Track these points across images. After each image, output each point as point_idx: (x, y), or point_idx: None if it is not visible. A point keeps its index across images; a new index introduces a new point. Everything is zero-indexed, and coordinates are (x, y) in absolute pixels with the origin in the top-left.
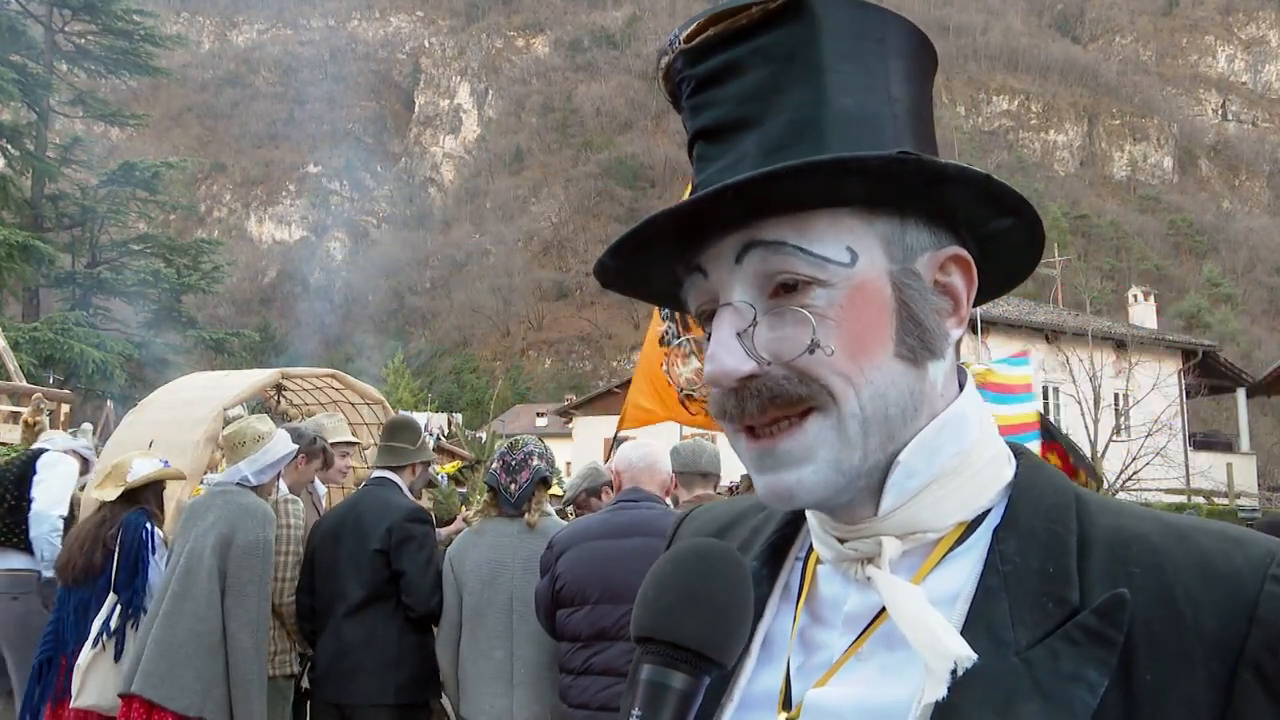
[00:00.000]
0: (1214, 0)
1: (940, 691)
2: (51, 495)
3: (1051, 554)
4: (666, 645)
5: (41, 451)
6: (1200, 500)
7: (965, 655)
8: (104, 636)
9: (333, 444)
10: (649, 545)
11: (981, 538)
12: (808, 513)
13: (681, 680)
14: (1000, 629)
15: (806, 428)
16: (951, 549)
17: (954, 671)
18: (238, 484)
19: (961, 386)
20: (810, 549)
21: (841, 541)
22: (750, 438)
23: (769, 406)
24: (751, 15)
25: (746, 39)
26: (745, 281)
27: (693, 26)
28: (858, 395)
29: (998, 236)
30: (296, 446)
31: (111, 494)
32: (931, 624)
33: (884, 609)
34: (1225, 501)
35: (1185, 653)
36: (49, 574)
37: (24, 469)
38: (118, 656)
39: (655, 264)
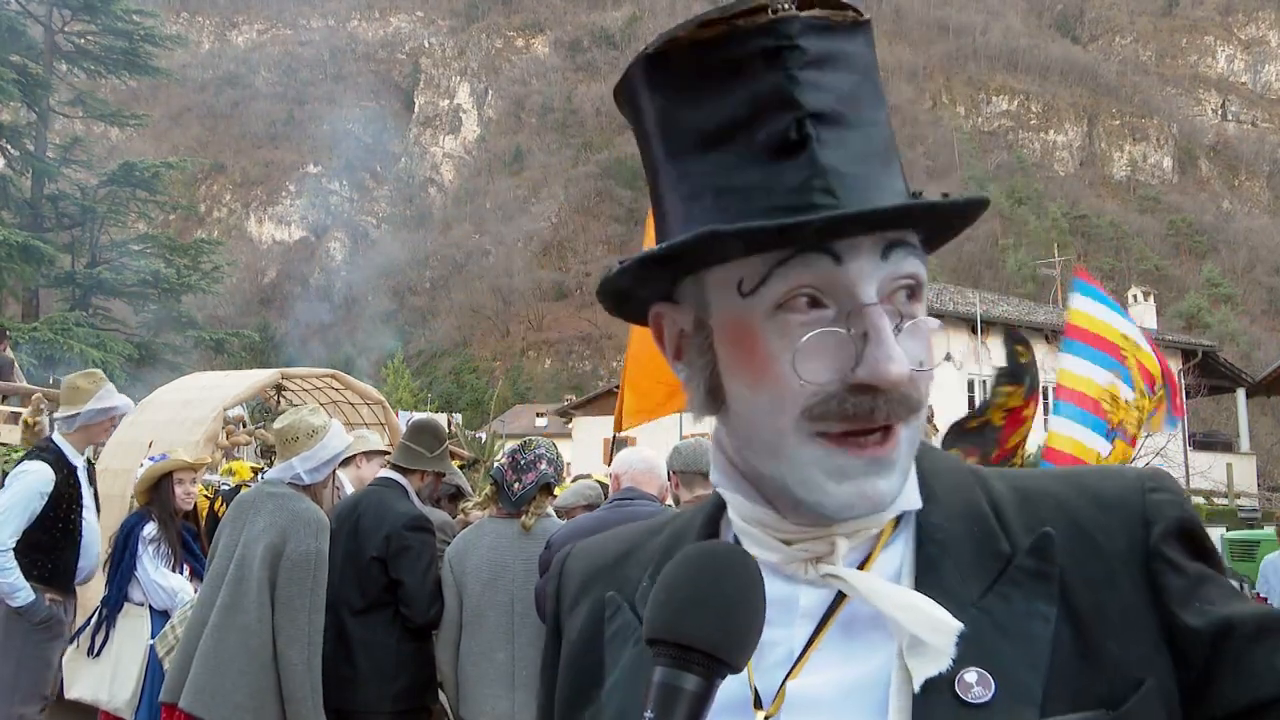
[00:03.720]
0: (1214, 0)
1: (944, 664)
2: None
3: (974, 518)
4: (678, 647)
5: (28, 454)
6: (1200, 500)
7: (956, 627)
8: (79, 635)
9: (365, 453)
10: None
11: (907, 521)
12: (739, 521)
13: (694, 682)
14: (951, 588)
15: (899, 434)
16: (889, 538)
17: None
18: (290, 482)
19: None
20: None
21: (787, 544)
22: (854, 448)
23: (893, 415)
24: (847, 17)
25: (846, 36)
26: (882, 279)
27: None
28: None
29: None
30: (351, 439)
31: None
32: (920, 604)
33: (837, 603)
34: (1225, 501)
35: (1109, 571)
36: (14, 605)
37: None
38: (90, 652)
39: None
